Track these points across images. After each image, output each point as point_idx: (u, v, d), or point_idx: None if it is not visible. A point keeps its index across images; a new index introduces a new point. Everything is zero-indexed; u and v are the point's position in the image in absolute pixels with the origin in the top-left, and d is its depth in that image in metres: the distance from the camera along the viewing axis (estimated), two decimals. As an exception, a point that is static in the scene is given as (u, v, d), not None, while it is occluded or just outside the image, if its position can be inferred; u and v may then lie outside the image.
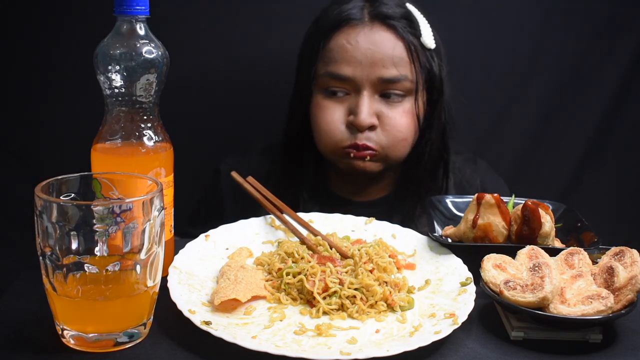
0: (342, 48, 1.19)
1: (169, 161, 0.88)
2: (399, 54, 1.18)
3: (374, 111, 1.19)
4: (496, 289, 0.80)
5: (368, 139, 1.19)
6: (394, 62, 1.17)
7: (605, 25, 1.53)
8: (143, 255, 0.72)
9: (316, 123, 1.24)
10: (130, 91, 0.84)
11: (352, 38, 1.18)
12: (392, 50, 1.18)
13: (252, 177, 1.06)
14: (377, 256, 0.90)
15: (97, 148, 0.85)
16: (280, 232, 1.02)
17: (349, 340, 0.76)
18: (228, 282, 0.84)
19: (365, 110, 1.17)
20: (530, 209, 0.92)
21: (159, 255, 0.75)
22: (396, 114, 1.19)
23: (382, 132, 1.20)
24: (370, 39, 1.18)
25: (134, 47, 0.83)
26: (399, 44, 1.18)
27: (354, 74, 1.18)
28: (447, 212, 1.08)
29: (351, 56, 1.18)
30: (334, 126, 1.21)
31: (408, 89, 1.19)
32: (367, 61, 1.17)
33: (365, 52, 1.17)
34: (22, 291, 0.85)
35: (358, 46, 1.17)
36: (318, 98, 1.23)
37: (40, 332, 0.75)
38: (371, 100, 1.18)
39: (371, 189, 1.32)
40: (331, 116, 1.21)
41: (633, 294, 0.77)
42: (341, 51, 1.19)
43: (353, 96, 1.20)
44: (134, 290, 0.73)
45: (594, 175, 1.57)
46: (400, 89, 1.19)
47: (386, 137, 1.20)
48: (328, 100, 1.21)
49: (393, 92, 1.19)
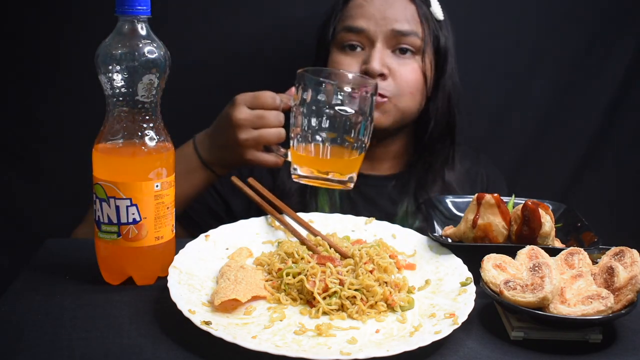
0: (357, 5, 1.28)
1: (171, 161, 0.88)
2: (410, 13, 1.27)
3: (386, 63, 1.25)
4: (496, 289, 0.80)
5: (379, 87, 1.23)
6: (406, 18, 1.26)
7: (605, 25, 1.53)
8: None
9: None
10: (132, 91, 0.84)
11: None
12: (404, 9, 1.27)
13: (253, 179, 1.06)
14: (378, 257, 0.90)
15: (98, 148, 0.85)
16: (280, 232, 1.02)
17: (349, 340, 0.76)
18: (228, 283, 0.84)
19: (377, 58, 1.24)
20: (530, 209, 0.93)
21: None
22: (406, 69, 1.26)
23: (392, 83, 1.25)
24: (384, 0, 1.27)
25: (136, 47, 0.83)
26: (411, 5, 1.27)
27: (368, 26, 1.25)
28: (447, 212, 1.08)
29: (366, 10, 1.26)
30: None
31: (418, 46, 1.26)
32: (381, 15, 1.25)
33: (379, 7, 1.26)
34: (21, 291, 0.85)
35: (373, 3, 1.27)
36: (335, 54, 1.30)
37: (38, 333, 0.75)
38: (383, 53, 1.25)
39: (386, 163, 1.36)
40: (346, 67, 1.27)
41: (633, 294, 0.77)
42: (357, 7, 1.28)
43: (367, 50, 1.27)
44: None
45: (594, 175, 1.57)
46: (410, 43, 1.26)
47: (396, 87, 1.26)
48: (344, 55, 1.28)
49: (404, 47, 1.25)
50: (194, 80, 1.44)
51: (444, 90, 1.31)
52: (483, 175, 1.40)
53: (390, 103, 1.26)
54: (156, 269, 0.88)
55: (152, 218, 0.86)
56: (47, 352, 0.72)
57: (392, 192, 1.33)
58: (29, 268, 0.92)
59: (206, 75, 1.46)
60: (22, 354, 0.72)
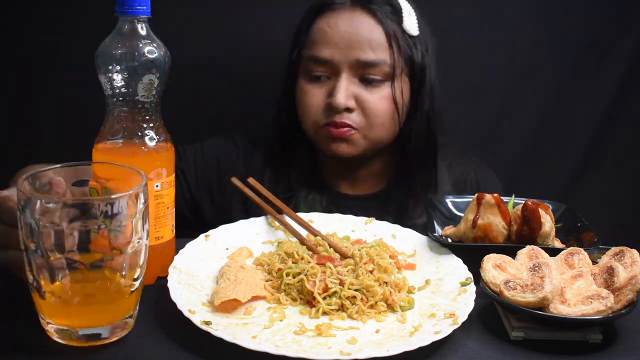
0: (322, 31, 1.21)
1: (171, 161, 0.88)
2: (377, 37, 1.19)
3: (352, 94, 1.19)
4: (496, 289, 0.80)
5: (347, 118, 1.20)
6: (371, 45, 1.18)
7: (605, 25, 1.53)
8: (130, 250, 0.72)
9: (299, 106, 1.26)
10: (132, 91, 0.84)
11: (332, 21, 1.21)
12: (370, 34, 1.19)
13: (253, 178, 1.06)
14: (378, 257, 0.90)
15: (98, 148, 0.85)
16: (280, 232, 1.02)
17: (349, 340, 0.76)
18: (228, 283, 0.84)
19: (342, 92, 1.18)
20: (530, 209, 0.93)
21: (144, 249, 0.74)
22: (374, 98, 1.20)
23: (360, 115, 1.21)
24: (349, 22, 1.20)
25: (136, 47, 0.83)
26: (378, 27, 1.19)
27: (332, 55, 1.19)
28: (447, 212, 1.08)
29: (330, 38, 1.20)
30: (313, 108, 1.22)
31: (386, 73, 1.19)
32: (345, 43, 1.19)
33: (343, 35, 1.19)
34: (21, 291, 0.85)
35: (337, 29, 1.19)
36: (301, 83, 1.25)
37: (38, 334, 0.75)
38: (349, 83, 1.19)
39: (364, 181, 1.33)
40: (311, 99, 1.22)
41: (633, 294, 0.77)
42: (321, 34, 1.21)
43: (333, 80, 1.21)
44: (121, 284, 0.72)
45: (594, 175, 1.57)
46: (378, 73, 1.19)
47: (364, 119, 1.21)
48: (310, 85, 1.23)
49: (371, 76, 1.19)
50: (194, 80, 1.44)
51: (422, 109, 1.24)
52: (472, 180, 1.34)
53: (358, 134, 1.21)
54: (156, 269, 0.88)
55: (152, 218, 0.86)
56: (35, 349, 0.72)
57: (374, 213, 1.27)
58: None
59: (206, 75, 1.46)
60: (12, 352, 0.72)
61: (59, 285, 0.71)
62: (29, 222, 0.68)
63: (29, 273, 0.71)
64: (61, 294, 0.71)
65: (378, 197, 1.32)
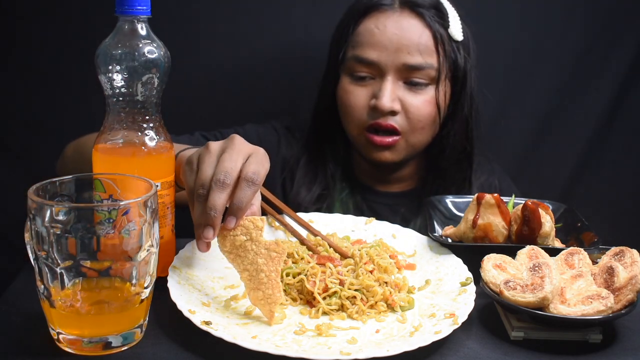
0: (369, 32, 1.21)
1: (170, 161, 0.88)
2: (425, 41, 1.19)
3: (397, 97, 1.20)
4: (496, 289, 0.80)
5: (391, 120, 1.20)
6: (419, 49, 1.19)
7: (605, 25, 1.53)
8: (140, 257, 0.72)
9: (341, 106, 1.26)
10: (132, 91, 0.84)
11: (381, 23, 1.20)
12: (419, 38, 1.19)
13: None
14: (378, 257, 0.90)
15: (98, 148, 0.85)
16: (280, 232, 1.02)
17: (349, 340, 0.76)
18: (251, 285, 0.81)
19: (387, 95, 1.18)
20: (530, 209, 0.93)
21: (154, 257, 0.75)
22: (418, 102, 1.20)
23: (404, 118, 1.21)
24: (397, 25, 1.20)
25: (136, 47, 0.83)
26: (426, 32, 1.20)
27: (379, 58, 1.19)
28: (447, 212, 1.08)
29: (378, 40, 1.20)
30: (358, 109, 1.22)
31: (432, 77, 1.20)
32: (393, 46, 1.19)
33: (392, 37, 1.19)
34: (21, 292, 0.85)
35: (385, 31, 1.19)
36: (345, 82, 1.25)
37: (38, 334, 0.75)
38: (394, 86, 1.20)
39: (397, 180, 1.33)
40: (355, 99, 1.22)
41: (633, 294, 0.77)
42: (368, 35, 1.21)
43: (377, 81, 1.21)
44: (131, 292, 0.73)
45: (594, 175, 1.57)
46: (423, 76, 1.20)
47: (408, 122, 1.21)
48: (354, 85, 1.23)
49: (417, 80, 1.20)
50: (194, 80, 1.44)
51: (461, 114, 1.25)
52: (496, 187, 1.35)
53: (401, 140, 1.22)
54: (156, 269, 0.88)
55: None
56: (44, 355, 0.72)
57: (405, 211, 1.29)
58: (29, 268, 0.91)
59: (206, 75, 1.46)
60: (19, 357, 0.72)
61: (69, 292, 0.71)
62: (39, 230, 0.68)
63: (39, 282, 0.71)
64: (71, 302, 0.71)
65: (410, 195, 1.33)
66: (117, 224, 0.69)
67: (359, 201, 1.29)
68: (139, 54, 0.83)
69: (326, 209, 1.24)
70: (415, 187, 1.34)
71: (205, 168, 0.81)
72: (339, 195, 1.28)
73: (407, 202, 1.30)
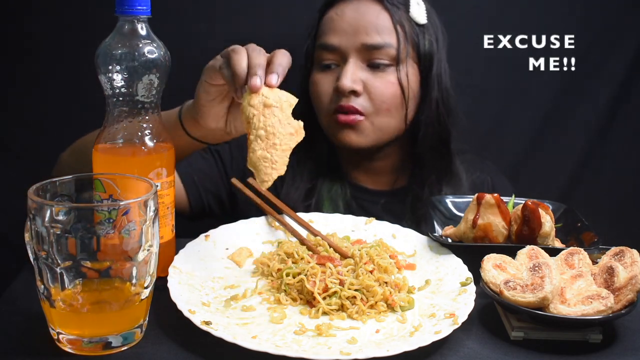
0: (330, 20, 1.24)
1: (171, 161, 0.88)
2: (383, 21, 1.21)
3: (359, 78, 1.21)
4: (496, 289, 0.80)
5: (353, 102, 1.21)
6: (377, 29, 1.20)
7: (605, 26, 1.53)
8: (140, 257, 0.72)
9: (312, 97, 1.27)
10: (132, 91, 0.84)
11: (340, 10, 1.24)
12: (376, 19, 1.21)
13: (253, 179, 1.06)
14: (378, 257, 0.90)
15: (98, 148, 0.85)
16: (280, 232, 1.02)
17: (349, 340, 0.76)
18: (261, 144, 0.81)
19: (347, 75, 1.19)
20: (530, 209, 0.93)
21: (154, 257, 0.75)
22: (380, 83, 1.21)
23: (367, 100, 1.21)
24: (355, 9, 1.22)
25: (136, 47, 0.83)
26: (384, 13, 1.21)
27: (340, 42, 1.21)
28: (447, 212, 1.08)
29: (337, 25, 1.22)
30: (323, 96, 1.24)
31: (392, 57, 1.21)
32: (352, 29, 1.21)
33: (350, 21, 1.21)
34: (21, 292, 0.85)
35: (344, 16, 1.22)
36: (313, 74, 1.27)
37: (38, 334, 0.75)
38: (356, 68, 1.21)
39: (387, 178, 1.33)
40: (321, 87, 1.24)
41: (633, 294, 0.77)
42: (329, 23, 1.24)
43: (342, 66, 1.23)
44: (131, 292, 0.73)
45: (594, 175, 1.57)
46: (384, 56, 1.20)
47: (371, 104, 1.21)
48: (321, 74, 1.25)
49: (378, 61, 1.21)
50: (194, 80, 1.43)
51: (430, 98, 1.25)
52: (489, 184, 1.35)
53: (366, 121, 1.21)
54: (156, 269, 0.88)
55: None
56: (44, 355, 0.72)
57: (394, 208, 1.28)
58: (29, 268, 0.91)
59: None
60: (19, 357, 0.72)
61: (69, 293, 0.71)
62: (39, 230, 0.68)
63: (39, 282, 0.71)
64: (71, 302, 0.71)
65: (399, 193, 1.33)
66: (117, 224, 0.69)
67: (349, 199, 1.29)
68: (139, 54, 0.83)
69: (315, 207, 1.25)
70: (404, 184, 1.33)
71: (234, 46, 0.92)
72: (327, 192, 1.28)
73: (397, 200, 1.30)
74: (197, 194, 1.25)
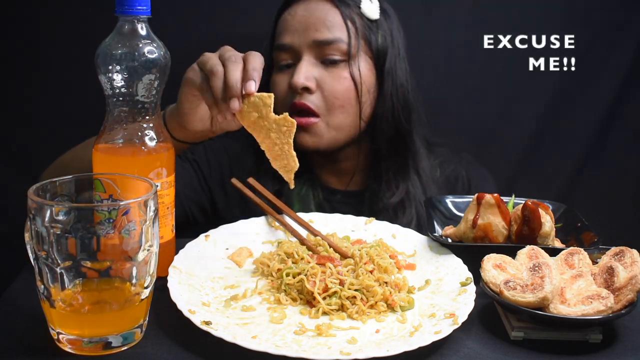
0: (283, 21, 1.26)
1: (170, 161, 0.88)
2: (333, 17, 1.21)
3: (312, 75, 1.21)
4: (496, 289, 0.80)
5: (306, 99, 1.20)
6: (327, 25, 1.21)
7: (606, 25, 1.53)
8: (140, 257, 0.72)
9: None
10: (132, 91, 0.84)
11: (292, 10, 1.25)
12: (325, 15, 1.22)
13: (253, 179, 1.06)
14: (378, 257, 0.90)
15: (98, 148, 0.85)
16: (280, 232, 1.02)
17: (349, 340, 0.76)
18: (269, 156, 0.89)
19: (300, 72, 1.20)
20: (530, 209, 0.93)
21: (154, 257, 0.75)
22: (334, 79, 1.21)
23: (321, 98, 1.21)
24: (306, 8, 1.24)
25: (136, 47, 0.83)
26: (334, 9, 1.22)
27: (292, 40, 1.22)
28: (447, 212, 1.08)
29: (289, 25, 1.24)
30: (280, 94, 1.24)
31: (344, 52, 1.21)
32: (302, 27, 1.22)
33: (301, 19, 1.22)
34: (21, 291, 0.85)
35: (295, 15, 1.24)
36: (273, 76, 1.27)
37: (38, 334, 0.75)
38: (309, 65, 1.21)
39: (357, 178, 1.32)
40: (278, 87, 1.25)
41: (633, 294, 0.77)
42: (283, 23, 1.26)
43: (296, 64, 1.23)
44: (131, 292, 0.73)
45: (594, 175, 1.57)
46: (336, 52, 1.21)
47: (324, 103, 1.21)
48: (278, 75, 1.26)
49: (331, 57, 1.21)
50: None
51: (386, 94, 1.24)
52: (464, 178, 1.34)
53: (321, 122, 1.21)
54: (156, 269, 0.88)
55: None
56: (47, 353, 0.72)
57: (365, 209, 1.26)
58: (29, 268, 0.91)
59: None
60: (19, 357, 0.72)
61: (69, 293, 0.71)
62: (39, 230, 0.68)
63: (39, 282, 0.71)
64: (71, 302, 0.71)
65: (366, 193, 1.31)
66: (117, 224, 0.69)
67: (321, 201, 1.29)
68: (139, 54, 0.83)
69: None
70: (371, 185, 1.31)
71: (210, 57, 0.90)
72: (297, 194, 1.27)
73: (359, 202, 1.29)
74: (179, 204, 1.24)
